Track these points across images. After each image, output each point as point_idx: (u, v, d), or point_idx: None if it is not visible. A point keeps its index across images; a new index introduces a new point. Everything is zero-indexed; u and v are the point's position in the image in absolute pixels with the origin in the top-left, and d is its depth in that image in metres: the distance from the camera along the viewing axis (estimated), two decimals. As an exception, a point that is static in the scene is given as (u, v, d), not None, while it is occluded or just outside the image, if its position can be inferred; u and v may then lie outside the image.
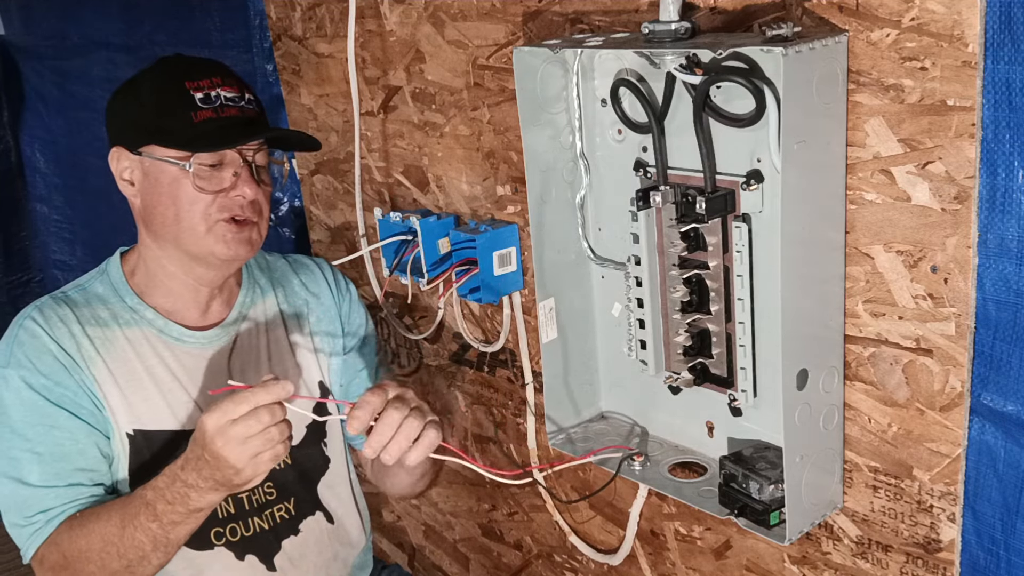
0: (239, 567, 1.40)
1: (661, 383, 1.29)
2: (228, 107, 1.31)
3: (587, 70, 1.26)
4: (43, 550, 1.25)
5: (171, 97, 1.29)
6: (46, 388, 1.28)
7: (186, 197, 1.29)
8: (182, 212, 1.30)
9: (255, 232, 1.34)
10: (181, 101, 1.28)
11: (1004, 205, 0.96)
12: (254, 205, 1.33)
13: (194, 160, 1.28)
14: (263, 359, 1.43)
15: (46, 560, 1.25)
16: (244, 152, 1.31)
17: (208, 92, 1.30)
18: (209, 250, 1.31)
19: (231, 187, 1.30)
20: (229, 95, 1.31)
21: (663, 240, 1.23)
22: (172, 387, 1.35)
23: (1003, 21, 0.92)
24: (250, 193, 1.31)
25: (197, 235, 1.30)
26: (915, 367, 1.08)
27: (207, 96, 1.29)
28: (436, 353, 1.84)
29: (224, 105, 1.30)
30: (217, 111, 1.29)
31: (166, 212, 1.31)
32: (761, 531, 1.16)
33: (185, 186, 1.29)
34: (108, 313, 1.35)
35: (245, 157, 1.31)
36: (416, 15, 1.59)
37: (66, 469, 1.27)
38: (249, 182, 1.31)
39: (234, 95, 1.32)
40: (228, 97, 1.31)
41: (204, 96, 1.29)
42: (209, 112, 1.29)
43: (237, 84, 1.34)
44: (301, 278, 1.53)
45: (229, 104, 1.31)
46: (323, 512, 1.48)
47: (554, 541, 1.73)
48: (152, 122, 1.30)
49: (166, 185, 1.30)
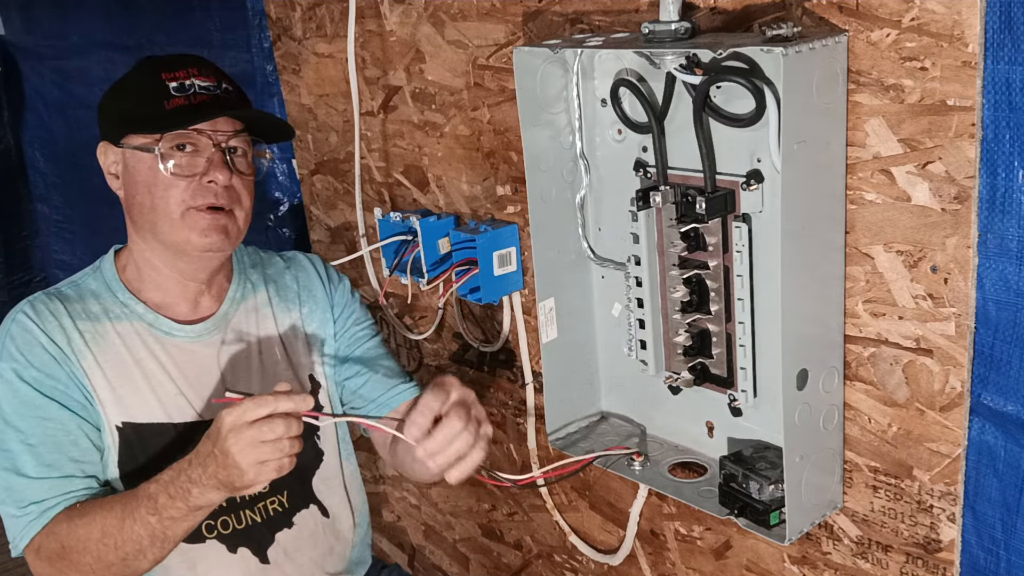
0: (232, 560, 1.40)
1: (661, 383, 1.29)
2: (200, 94, 1.32)
3: (587, 70, 1.26)
4: (40, 539, 1.25)
5: (148, 88, 1.32)
6: (37, 380, 1.29)
7: (161, 184, 1.31)
8: (157, 200, 1.31)
9: (232, 222, 1.34)
10: (156, 91, 1.31)
11: (1004, 205, 0.96)
12: (230, 192, 1.33)
13: (163, 143, 1.30)
14: (254, 352, 1.44)
15: (43, 549, 1.25)
16: (216, 137, 1.32)
17: (183, 81, 1.32)
18: (185, 239, 1.32)
19: (204, 172, 1.31)
20: (204, 84, 1.33)
21: (663, 240, 1.23)
22: (162, 380, 1.36)
23: (1003, 21, 0.92)
24: (222, 178, 1.31)
25: (172, 223, 1.31)
26: (915, 367, 1.08)
27: (181, 85, 1.32)
28: (436, 353, 1.84)
29: (197, 92, 1.32)
30: (189, 98, 1.31)
31: (143, 201, 1.32)
32: (761, 531, 1.16)
33: (160, 173, 1.30)
34: (99, 308, 1.37)
35: (218, 142, 1.32)
36: (416, 15, 1.59)
37: (59, 460, 1.28)
38: (221, 167, 1.31)
39: (209, 84, 1.34)
40: (202, 85, 1.33)
41: (178, 85, 1.31)
42: (181, 99, 1.31)
43: (214, 74, 1.36)
44: (293, 273, 1.54)
45: (202, 92, 1.33)
46: (317, 506, 1.49)
47: (554, 541, 1.73)
48: (129, 113, 1.33)
49: (143, 174, 1.32)
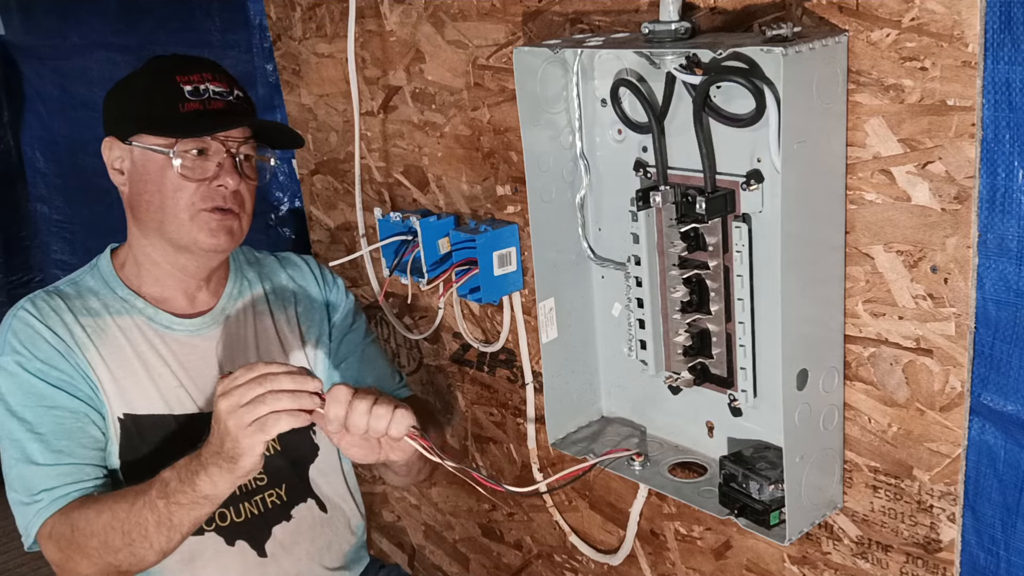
0: (229, 552, 1.41)
1: (661, 383, 1.29)
2: (215, 100, 1.36)
3: (587, 70, 1.26)
4: (52, 524, 1.26)
5: (161, 89, 1.34)
6: (42, 372, 1.31)
7: (171, 185, 1.33)
8: (167, 200, 1.34)
9: (237, 224, 1.38)
10: (171, 93, 1.33)
11: (1004, 205, 0.96)
12: (236, 196, 1.37)
13: (178, 147, 1.33)
14: (251, 347, 1.47)
15: (54, 533, 1.26)
16: (228, 144, 1.35)
17: (197, 86, 1.35)
18: (192, 238, 1.35)
19: (214, 177, 1.35)
20: (217, 89, 1.36)
21: (663, 240, 1.23)
22: (162, 372, 1.39)
23: (1003, 21, 0.92)
24: (232, 183, 1.35)
25: (180, 223, 1.34)
26: (915, 367, 1.08)
27: (196, 89, 1.34)
28: (436, 353, 1.84)
29: (212, 98, 1.35)
30: (204, 103, 1.34)
31: (152, 200, 1.35)
32: (761, 531, 1.16)
33: (170, 174, 1.33)
34: (99, 303, 1.39)
35: (229, 149, 1.36)
36: (416, 15, 1.59)
37: (69, 446, 1.30)
38: (231, 173, 1.35)
39: (222, 90, 1.37)
40: (216, 91, 1.36)
41: (193, 89, 1.34)
42: (196, 104, 1.34)
43: (227, 80, 1.39)
44: (288, 272, 1.57)
45: (216, 97, 1.36)
46: (315, 500, 1.50)
47: (554, 541, 1.73)
48: (142, 112, 1.35)
49: (153, 173, 1.34)
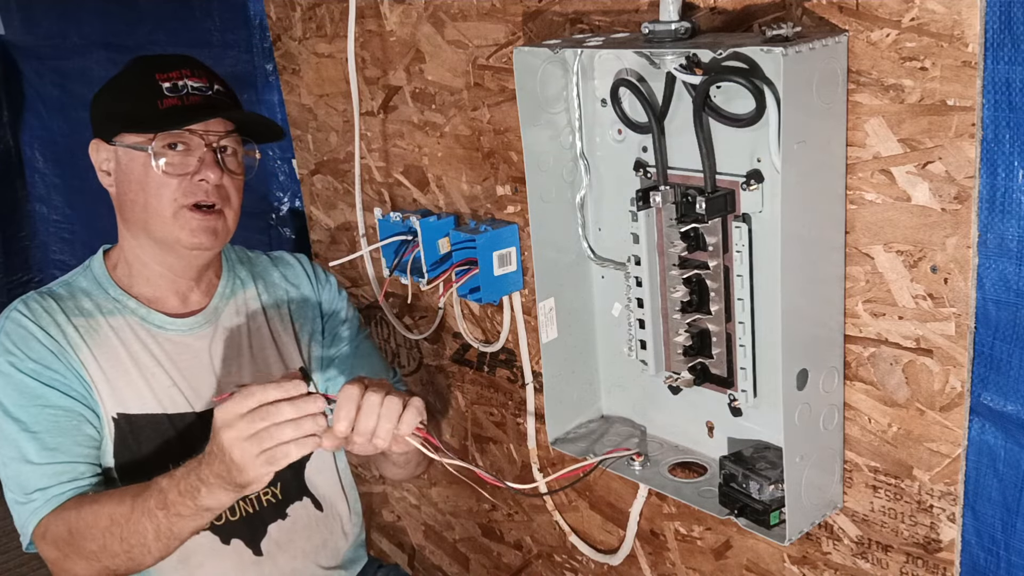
0: (224, 551, 1.41)
1: (661, 383, 1.29)
2: (193, 95, 1.36)
3: (587, 70, 1.26)
4: (48, 523, 1.26)
5: (141, 88, 1.35)
6: (36, 372, 1.31)
7: (154, 183, 1.34)
8: (151, 198, 1.34)
9: (221, 223, 1.38)
10: (150, 90, 1.34)
11: (1004, 205, 0.96)
12: (220, 191, 1.37)
13: (156, 143, 1.33)
14: (244, 345, 1.47)
15: (49, 533, 1.26)
16: (208, 138, 1.35)
17: (176, 82, 1.35)
18: (175, 237, 1.36)
19: (195, 172, 1.35)
20: (196, 84, 1.37)
21: (663, 240, 1.23)
22: (155, 372, 1.39)
23: (1003, 21, 0.92)
24: (213, 177, 1.35)
25: (164, 221, 1.35)
26: (915, 367, 1.08)
27: (174, 85, 1.35)
28: (436, 353, 1.84)
29: (190, 93, 1.36)
30: (183, 99, 1.35)
31: (136, 199, 1.35)
32: (761, 531, 1.16)
33: (152, 172, 1.34)
34: (92, 304, 1.39)
35: (210, 143, 1.36)
36: (416, 15, 1.59)
37: (63, 443, 1.30)
38: (212, 166, 1.35)
39: (201, 85, 1.38)
40: (195, 87, 1.37)
41: (171, 85, 1.35)
42: (174, 100, 1.34)
43: (206, 76, 1.39)
44: (281, 270, 1.57)
45: (195, 93, 1.36)
46: (311, 498, 1.50)
47: (554, 541, 1.73)
48: (123, 112, 1.36)
49: (136, 172, 1.35)
